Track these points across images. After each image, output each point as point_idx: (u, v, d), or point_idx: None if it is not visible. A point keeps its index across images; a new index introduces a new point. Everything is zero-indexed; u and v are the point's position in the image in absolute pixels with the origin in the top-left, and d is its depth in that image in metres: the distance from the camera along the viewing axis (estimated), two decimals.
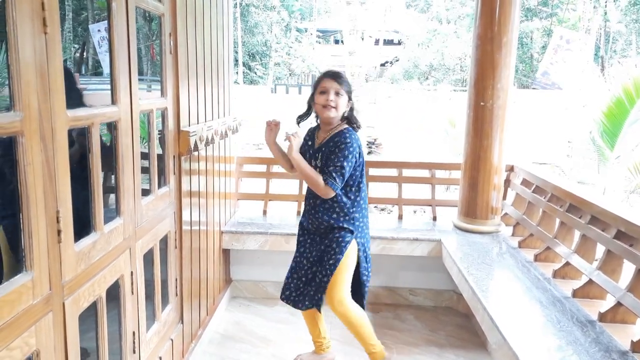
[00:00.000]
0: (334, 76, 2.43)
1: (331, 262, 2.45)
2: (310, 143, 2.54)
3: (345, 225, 2.46)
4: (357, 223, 2.48)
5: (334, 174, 2.35)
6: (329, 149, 2.41)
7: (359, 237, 2.49)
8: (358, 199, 2.48)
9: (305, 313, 2.68)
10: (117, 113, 1.74)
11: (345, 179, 2.39)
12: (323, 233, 2.51)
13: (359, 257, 2.52)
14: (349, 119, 2.48)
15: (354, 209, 2.48)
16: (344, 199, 2.45)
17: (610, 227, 2.33)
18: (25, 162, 1.22)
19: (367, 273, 2.59)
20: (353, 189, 2.46)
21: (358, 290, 2.60)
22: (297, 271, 2.61)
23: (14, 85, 1.18)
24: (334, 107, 2.39)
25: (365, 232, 2.53)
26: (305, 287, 2.58)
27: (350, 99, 2.46)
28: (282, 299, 2.65)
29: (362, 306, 2.61)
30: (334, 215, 2.46)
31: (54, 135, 1.33)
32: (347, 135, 2.40)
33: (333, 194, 2.40)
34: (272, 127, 2.52)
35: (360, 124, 2.53)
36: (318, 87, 2.44)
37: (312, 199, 2.51)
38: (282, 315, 3.39)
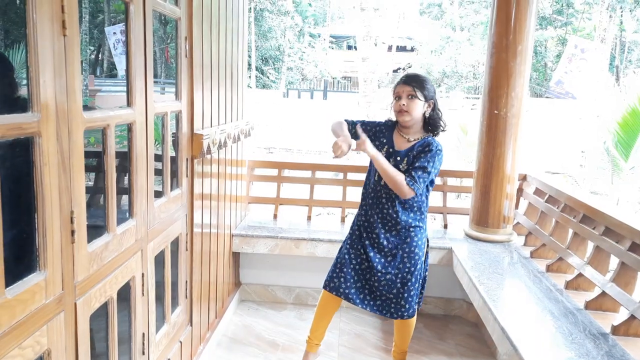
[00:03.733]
0: (406, 80, 2.40)
1: (419, 267, 2.50)
2: (390, 150, 2.45)
3: (420, 224, 2.50)
4: (425, 219, 2.55)
5: (418, 178, 2.34)
6: (414, 156, 2.39)
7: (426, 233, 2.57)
8: (428, 195, 2.53)
9: (330, 305, 2.63)
10: (132, 115, 1.76)
11: (427, 184, 2.42)
12: (396, 235, 2.48)
13: (426, 253, 2.61)
14: (431, 123, 2.45)
15: (427, 207, 2.54)
16: (423, 197, 2.49)
17: (624, 239, 2.30)
18: (42, 162, 1.23)
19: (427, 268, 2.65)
20: (430, 187, 2.51)
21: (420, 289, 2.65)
22: (368, 274, 2.52)
23: (32, 86, 1.19)
24: (406, 112, 2.37)
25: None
26: (386, 295, 2.50)
27: (427, 101, 2.40)
28: (346, 297, 2.52)
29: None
30: (412, 215, 2.47)
31: (70, 137, 1.34)
32: (434, 142, 2.41)
33: (412, 195, 2.38)
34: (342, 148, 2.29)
35: (444, 126, 2.50)
36: (394, 93, 2.44)
37: (386, 197, 2.46)
38: (291, 320, 3.39)
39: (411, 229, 2.48)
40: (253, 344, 3.07)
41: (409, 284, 2.47)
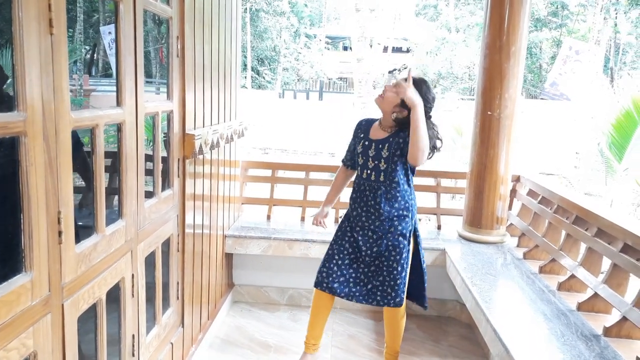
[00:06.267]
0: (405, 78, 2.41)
1: (404, 255, 2.50)
2: (366, 143, 2.53)
3: (404, 213, 2.51)
4: (411, 209, 2.54)
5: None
6: (397, 143, 2.45)
7: (414, 222, 2.58)
8: (411, 184, 2.57)
9: (323, 303, 2.64)
10: (121, 115, 1.74)
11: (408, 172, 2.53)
12: (380, 225, 2.51)
13: (416, 244, 2.62)
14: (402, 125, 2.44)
15: (412, 196, 2.56)
16: (406, 187, 2.52)
17: (616, 240, 2.30)
18: (28, 162, 1.22)
19: (424, 260, 2.68)
20: (411, 175, 2.56)
21: (420, 284, 2.67)
22: (354, 264, 2.56)
23: (18, 85, 1.18)
24: (381, 96, 2.47)
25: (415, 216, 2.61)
26: (373, 282, 2.53)
27: (407, 108, 2.35)
28: (330, 290, 2.55)
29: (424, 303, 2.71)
30: (395, 205, 2.50)
31: (57, 136, 1.33)
32: None
33: (422, 164, 2.41)
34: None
35: (439, 146, 2.53)
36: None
37: (369, 189, 2.52)
38: (284, 321, 3.37)
39: (395, 219, 2.50)
40: (245, 345, 3.05)
41: (395, 272, 2.49)
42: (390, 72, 25.31)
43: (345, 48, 28.05)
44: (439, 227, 3.65)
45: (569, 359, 1.89)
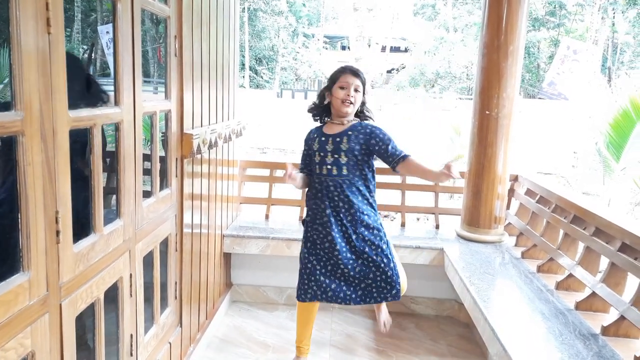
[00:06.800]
0: (355, 73, 2.51)
1: (384, 247, 2.51)
2: (322, 139, 2.52)
3: (370, 209, 2.56)
4: (376, 208, 2.60)
5: (398, 147, 2.45)
6: (356, 137, 2.47)
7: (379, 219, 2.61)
8: (375, 183, 2.60)
9: (310, 312, 2.64)
10: (119, 114, 1.74)
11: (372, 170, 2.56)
12: (351, 217, 2.51)
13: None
14: (362, 114, 2.58)
15: (374, 194, 2.59)
16: (368, 183, 2.54)
17: (614, 240, 2.31)
18: (25, 162, 1.21)
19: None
20: (373, 175, 2.58)
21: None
22: (338, 269, 2.52)
23: (15, 84, 1.17)
24: (352, 103, 2.48)
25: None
26: (365, 281, 2.52)
27: (364, 94, 2.55)
28: (327, 299, 2.53)
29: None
30: (359, 198, 2.52)
31: (54, 136, 1.32)
32: (370, 124, 2.53)
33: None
34: (291, 177, 2.47)
35: (374, 117, 2.62)
36: (337, 80, 2.49)
37: (333, 184, 2.49)
38: (282, 321, 3.37)
39: (363, 213, 2.50)
40: (244, 345, 3.05)
41: (382, 264, 2.49)
42: (388, 71, 25.34)
43: (343, 47, 28.06)
44: (437, 227, 3.65)
45: (567, 358, 1.90)
